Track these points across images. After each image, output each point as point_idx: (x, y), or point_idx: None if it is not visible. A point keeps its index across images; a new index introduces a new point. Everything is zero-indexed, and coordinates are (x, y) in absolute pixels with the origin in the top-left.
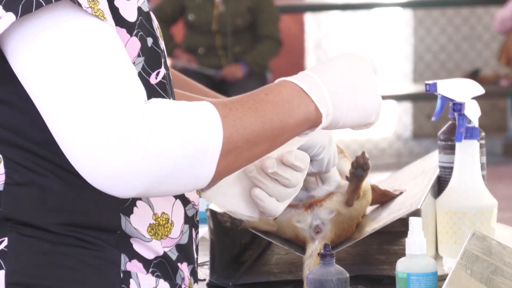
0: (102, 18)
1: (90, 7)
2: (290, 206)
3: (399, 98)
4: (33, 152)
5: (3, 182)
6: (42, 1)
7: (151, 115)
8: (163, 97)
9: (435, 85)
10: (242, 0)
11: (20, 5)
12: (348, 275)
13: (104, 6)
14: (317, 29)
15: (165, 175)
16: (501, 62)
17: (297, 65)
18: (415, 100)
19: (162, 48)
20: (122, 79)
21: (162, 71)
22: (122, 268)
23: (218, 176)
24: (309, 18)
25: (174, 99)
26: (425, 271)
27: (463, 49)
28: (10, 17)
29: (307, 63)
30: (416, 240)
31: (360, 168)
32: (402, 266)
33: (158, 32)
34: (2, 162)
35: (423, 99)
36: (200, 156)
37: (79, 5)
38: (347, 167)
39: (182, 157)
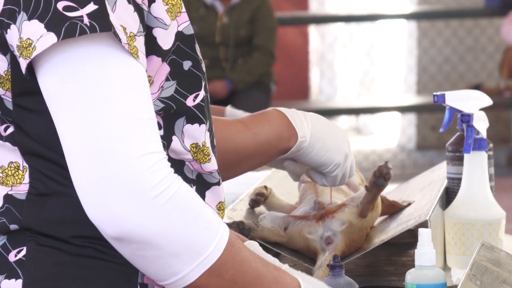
0: (136, 56)
1: (128, 43)
2: (301, 217)
3: (403, 109)
4: (58, 164)
5: (26, 191)
6: (86, 29)
7: (176, 180)
8: (200, 119)
9: (443, 96)
10: (244, 11)
11: (64, 28)
12: (357, 286)
13: (140, 42)
14: (321, 41)
15: (161, 241)
16: (502, 75)
17: (301, 77)
18: (419, 112)
19: (203, 71)
20: (149, 132)
21: (202, 93)
22: (139, 280)
23: None
24: (313, 30)
25: (211, 122)
26: (434, 282)
27: (467, 61)
28: (51, 37)
29: (311, 75)
30: (425, 251)
31: (382, 178)
32: (411, 277)
33: (200, 55)
34: (27, 172)
35: (427, 111)
36: (194, 251)
37: (119, 40)
38: (356, 180)
39: (186, 237)
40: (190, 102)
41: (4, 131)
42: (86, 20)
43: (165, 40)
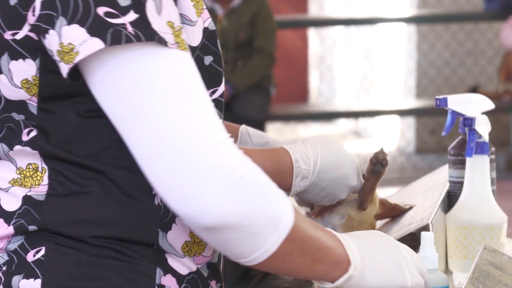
0: (185, 49)
1: (177, 42)
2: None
3: (402, 113)
4: (78, 165)
5: (46, 192)
6: (132, 37)
7: (248, 161)
8: (218, 115)
9: (445, 100)
10: (244, 14)
11: (109, 34)
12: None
13: (184, 35)
14: (320, 44)
15: (248, 222)
16: (500, 79)
17: (300, 80)
18: (419, 115)
19: (223, 67)
20: (215, 118)
21: (221, 89)
22: (157, 281)
23: (273, 262)
24: (312, 33)
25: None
26: (437, 286)
27: (466, 65)
28: (97, 42)
29: (310, 78)
30: (428, 255)
31: (379, 164)
32: None
33: (220, 50)
34: (46, 173)
35: (427, 114)
36: (273, 224)
37: (165, 44)
38: None
39: (266, 213)
40: None
41: (27, 135)
42: (130, 28)
43: (193, 37)
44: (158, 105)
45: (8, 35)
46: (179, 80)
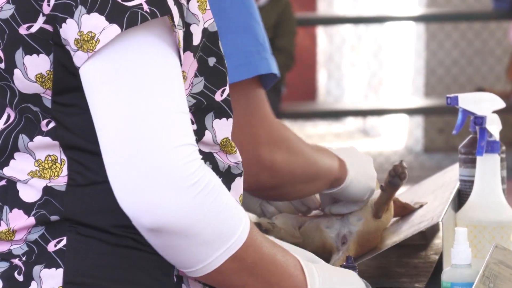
0: (180, 46)
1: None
2: (318, 216)
3: (411, 112)
4: (96, 154)
5: (65, 183)
6: (147, 15)
7: (207, 170)
8: (227, 113)
9: (456, 98)
10: (270, 15)
11: (125, 18)
12: (370, 287)
13: (181, 35)
14: (329, 42)
15: (194, 231)
16: (508, 78)
17: (309, 78)
18: (427, 114)
19: (226, 67)
20: (182, 123)
21: (228, 88)
22: (175, 272)
23: (218, 277)
24: (321, 31)
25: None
26: (469, 281)
27: (475, 64)
28: (115, 29)
29: (318, 76)
30: (460, 250)
31: (397, 177)
32: (446, 276)
33: (223, 51)
34: (65, 164)
35: (435, 113)
36: (221, 239)
37: (173, 25)
38: None
39: (215, 225)
40: (218, 97)
41: (46, 125)
42: (146, 7)
43: (197, 36)
44: (131, 98)
45: (23, 30)
46: (158, 79)
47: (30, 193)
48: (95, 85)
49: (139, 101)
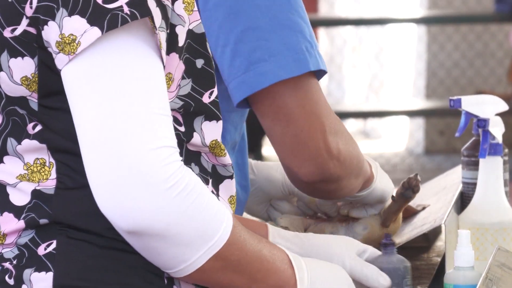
0: (161, 48)
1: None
2: (324, 220)
3: (412, 114)
4: None
5: (54, 186)
6: (127, 17)
7: (187, 172)
8: (216, 115)
9: (459, 101)
10: None
11: (106, 21)
12: (409, 264)
13: (162, 38)
14: (330, 44)
15: (173, 232)
16: (509, 80)
17: None
18: (428, 116)
19: (214, 69)
20: (162, 126)
21: (216, 90)
22: (166, 274)
23: (202, 276)
24: (322, 33)
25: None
26: (472, 283)
27: (476, 66)
28: (96, 32)
29: None
30: (463, 252)
31: (410, 190)
32: (449, 278)
33: (211, 53)
34: (54, 167)
35: (436, 115)
36: (203, 239)
37: (154, 26)
38: None
39: (195, 226)
40: (206, 99)
41: (32, 129)
42: (126, 9)
43: (182, 37)
44: (111, 99)
45: (7, 32)
46: (139, 81)
47: (19, 196)
48: (75, 87)
49: (118, 103)
